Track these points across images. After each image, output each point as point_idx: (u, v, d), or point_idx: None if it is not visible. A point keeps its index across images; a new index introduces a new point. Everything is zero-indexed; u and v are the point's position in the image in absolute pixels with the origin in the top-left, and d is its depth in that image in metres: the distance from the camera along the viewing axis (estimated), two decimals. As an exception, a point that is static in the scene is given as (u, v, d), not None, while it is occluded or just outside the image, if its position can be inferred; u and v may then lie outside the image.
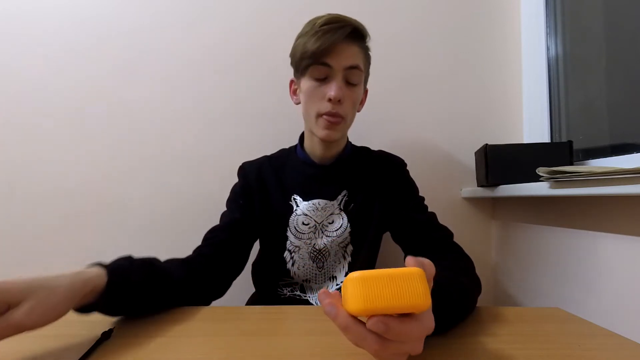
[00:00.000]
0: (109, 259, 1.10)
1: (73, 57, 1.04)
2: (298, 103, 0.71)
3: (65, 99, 1.03)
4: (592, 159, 0.81)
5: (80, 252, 1.02)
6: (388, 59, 1.04)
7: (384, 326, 0.27)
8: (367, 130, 1.03)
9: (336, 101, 0.63)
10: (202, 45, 1.04)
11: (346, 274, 0.70)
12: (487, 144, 0.84)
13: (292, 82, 0.73)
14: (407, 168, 0.78)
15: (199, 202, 1.02)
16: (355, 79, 0.65)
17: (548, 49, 0.97)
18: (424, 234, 0.67)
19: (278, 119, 1.00)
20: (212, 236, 0.67)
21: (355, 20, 0.65)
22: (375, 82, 1.04)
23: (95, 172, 1.03)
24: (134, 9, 1.04)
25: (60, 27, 1.04)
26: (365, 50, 0.68)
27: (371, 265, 0.75)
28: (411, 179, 0.77)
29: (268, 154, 0.81)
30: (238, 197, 0.74)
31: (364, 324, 0.29)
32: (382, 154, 0.79)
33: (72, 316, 0.53)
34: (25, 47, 1.03)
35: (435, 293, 0.40)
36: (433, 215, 0.71)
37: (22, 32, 1.03)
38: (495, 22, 1.04)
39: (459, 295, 0.46)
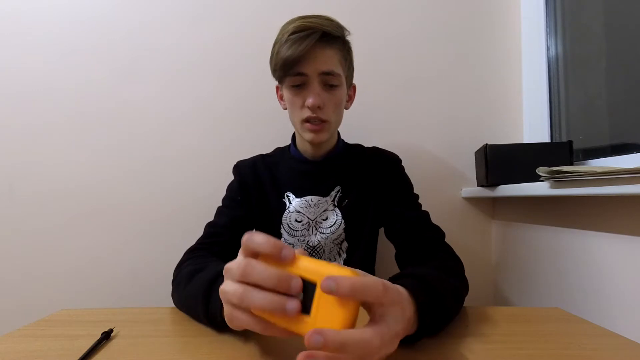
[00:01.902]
0: (108, 259, 1.10)
1: (73, 57, 1.03)
2: (285, 109, 0.71)
3: (65, 100, 1.03)
4: (592, 159, 0.81)
5: (80, 253, 1.02)
6: (388, 59, 1.04)
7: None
8: (366, 130, 1.03)
9: (315, 108, 0.63)
10: (203, 46, 1.04)
11: None
12: (487, 144, 0.84)
13: (277, 88, 0.73)
14: (406, 165, 0.78)
15: (199, 202, 1.02)
16: (334, 82, 0.64)
17: (548, 48, 0.97)
18: (415, 232, 0.66)
19: (279, 120, 1.00)
20: (216, 232, 0.68)
21: (327, 22, 0.62)
22: (375, 82, 1.05)
23: (94, 172, 1.03)
24: (134, 9, 1.04)
25: (61, 27, 1.04)
26: (342, 50, 0.66)
27: (369, 262, 0.75)
28: (406, 175, 0.76)
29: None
30: (236, 194, 0.74)
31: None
32: (376, 151, 0.78)
33: (72, 316, 0.53)
34: (25, 47, 1.03)
35: (428, 293, 0.40)
36: (426, 214, 0.70)
37: (22, 33, 1.03)
38: (495, 22, 1.04)
39: (451, 296, 0.46)
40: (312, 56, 0.61)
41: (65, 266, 1.02)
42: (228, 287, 0.31)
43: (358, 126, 1.01)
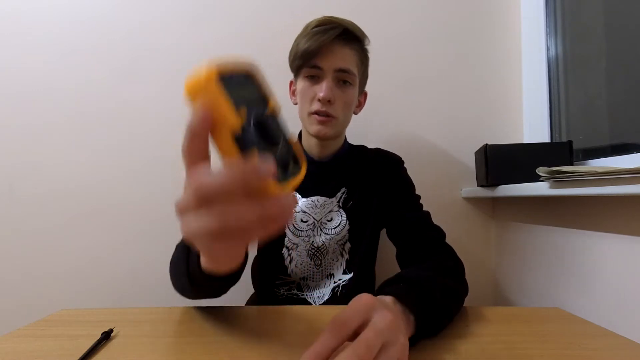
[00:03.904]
0: (108, 259, 1.10)
1: (73, 57, 1.03)
2: (296, 104, 0.72)
3: (65, 100, 1.03)
4: (592, 159, 0.81)
5: (80, 253, 1.02)
6: (388, 59, 1.04)
7: None
8: (367, 130, 1.03)
9: (326, 101, 0.64)
10: (203, 46, 1.04)
11: (344, 272, 0.70)
12: (487, 144, 0.84)
13: (291, 83, 0.75)
14: (405, 166, 0.78)
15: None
16: (348, 79, 0.66)
17: (548, 49, 0.97)
18: (416, 233, 0.67)
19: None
20: None
21: (349, 22, 0.65)
22: (375, 82, 1.04)
23: (94, 172, 1.03)
24: (134, 9, 1.04)
25: (61, 27, 1.04)
26: (360, 53, 0.68)
27: (370, 262, 0.75)
28: (408, 176, 0.77)
29: None
30: None
31: None
32: (379, 152, 0.79)
33: (72, 316, 0.53)
34: (25, 47, 1.03)
35: (420, 296, 0.41)
36: (427, 214, 0.71)
37: (22, 33, 1.03)
38: (495, 22, 1.04)
39: (447, 297, 0.46)
40: (330, 51, 0.63)
41: (65, 266, 1.02)
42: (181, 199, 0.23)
43: (358, 126, 1.00)
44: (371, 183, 0.73)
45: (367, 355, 0.28)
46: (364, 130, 1.02)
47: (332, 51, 0.63)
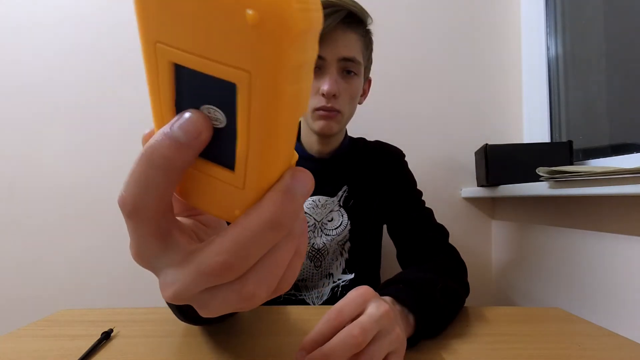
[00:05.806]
0: (108, 259, 1.10)
1: (74, 57, 1.04)
2: None
3: (65, 99, 1.03)
4: (592, 159, 0.81)
5: (80, 253, 1.02)
6: (388, 58, 1.04)
7: None
8: (366, 131, 1.02)
9: (330, 96, 0.58)
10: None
11: (343, 271, 0.69)
12: (487, 144, 0.84)
13: None
14: (406, 159, 0.76)
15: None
16: (353, 68, 0.60)
17: (548, 49, 0.97)
18: (416, 233, 0.65)
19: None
20: None
21: (353, 3, 0.58)
22: (375, 82, 1.04)
23: (95, 172, 1.03)
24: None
25: (61, 25, 1.04)
26: (365, 37, 0.62)
27: (373, 263, 0.74)
28: (409, 171, 0.75)
29: None
30: None
31: None
32: (379, 145, 0.76)
33: (72, 316, 0.53)
34: (25, 46, 1.03)
35: (419, 298, 0.41)
36: (430, 212, 0.69)
37: (22, 32, 1.03)
38: (495, 22, 1.04)
39: (447, 298, 0.46)
40: (332, 39, 0.56)
41: (65, 266, 1.02)
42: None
43: (357, 126, 1.00)
44: (373, 179, 0.71)
45: (362, 337, 0.29)
46: (364, 129, 1.02)
47: (335, 38, 0.56)
